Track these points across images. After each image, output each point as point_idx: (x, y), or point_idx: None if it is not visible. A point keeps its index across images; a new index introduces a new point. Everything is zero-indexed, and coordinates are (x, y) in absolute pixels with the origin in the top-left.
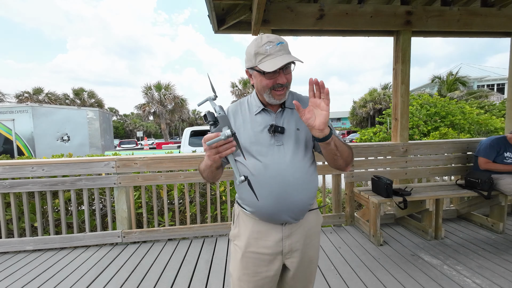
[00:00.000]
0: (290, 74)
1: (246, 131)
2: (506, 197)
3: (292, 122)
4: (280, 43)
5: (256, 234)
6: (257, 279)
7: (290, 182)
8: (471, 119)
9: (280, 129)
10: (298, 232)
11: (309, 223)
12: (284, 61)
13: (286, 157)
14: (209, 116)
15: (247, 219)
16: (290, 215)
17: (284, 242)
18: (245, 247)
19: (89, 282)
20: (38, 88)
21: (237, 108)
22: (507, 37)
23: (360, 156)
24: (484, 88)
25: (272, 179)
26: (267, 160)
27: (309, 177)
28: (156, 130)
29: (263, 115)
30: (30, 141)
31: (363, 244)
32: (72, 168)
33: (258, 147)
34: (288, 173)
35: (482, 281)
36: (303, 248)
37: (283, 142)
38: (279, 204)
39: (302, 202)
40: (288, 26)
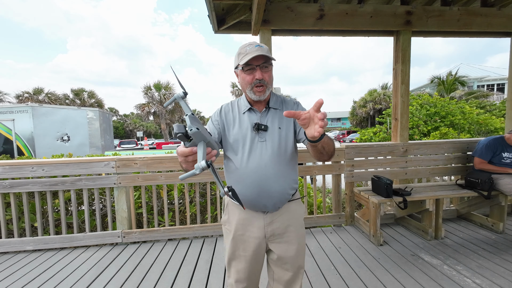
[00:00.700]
0: (268, 74)
1: (234, 129)
2: (506, 197)
3: (275, 121)
4: (258, 45)
5: (242, 221)
6: (247, 254)
7: (270, 174)
8: (471, 119)
9: (263, 127)
10: (279, 220)
11: (289, 212)
12: (255, 53)
13: (268, 152)
14: (178, 129)
15: (234, 208)
16: (270, 203)
17: (266, 228)
18: (235, 231)
19: (89, 282)
20: (38, 88)
21: (229, 108)
22: (507, 37)
23: (360, 156)
24: (484, 88)
25: (255, 171)
26: (251, 155)
27: (289, 170)
28: (156, 130)
29: (250, 114)
30: (30, 141)
31: (363, 244)
32: (72, 168)
33: (244, 143)
34: (268, 166)
35: (482, 281)
36: (285, 233)
37: (266, 139)
38: (261, 193)
39: (281, 192)
40: (288, 26)
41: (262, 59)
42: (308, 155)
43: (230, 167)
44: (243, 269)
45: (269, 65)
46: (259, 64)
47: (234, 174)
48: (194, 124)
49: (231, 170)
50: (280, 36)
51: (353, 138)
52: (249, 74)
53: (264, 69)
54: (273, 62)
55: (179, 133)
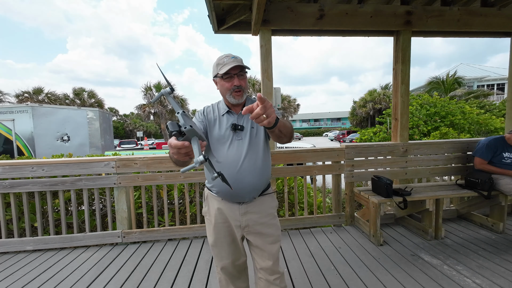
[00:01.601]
0: (244, 81)
1: (215, 128)
2: (506, 197)
3: (249, 122)
4: (233, 57)
5: (220, 211)
6: (227, 240)
7: (245, 166)
8: (471, 119)
9: (240, 127)
10: (253, 211)
11: (263, 204)
12: (233, 64)
13: (243, 148)
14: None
15: (213, 199)
16: (245, 194)
17: (242, 218)
18: (215, 220)
19: (89, 282)
20: (38, 88)
21: (210, 109)
22: (507, 37)
23: (360, 156)
24: (484, 88)
25: (232, 165)
26: (229, 150)
27: (262, 163)
28: (156, 130)
29: (228, 116)
30: (30, 141)
31: (363, 244)
32: (72, 168)
33: (223, 141)
34: (244, 160)
35: (482, 281)
36: (258, 224)
37: (242, 137)
38: (236, 184)
39: (255, 183)
40: (288, 26)
41: (239, 69)
42: (308, 155)
43: (213, 160)
44: (226, 254)
45: (244, 73)
46: (236, 73)
47: (216, 165)
48: (187, 122)
49: (214, 162)
50: (280, 36)
51: (353, 138)
52: (228, 82)
53: (240, 77)
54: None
55: (174, 131)
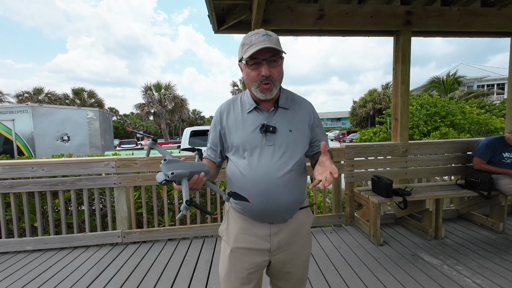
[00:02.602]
0: (278, 69)
1: (237, 131)
2: (506, 197)
3: (284, 123)
4: (265, 34)
5: (245, 230)
6: (243, 276)
7: (278, 183)
8: (471, 119)
9: (271, 129)
10: (286, 229)
11: (298, 221)
12: (261, 45)
13: (276, 157)
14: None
15: (236, 215)
16: (278, 215)
17: (272, 239)
18: (234, 242)
19: (89, 282)
20: (38, 88)
21: (229, 107)
22: (507, 37)
23: (360, 156)
24: (484, 88)
25: (261, 179)
26: (256, 160)
27: (298, 178)
28: (156, 130)
29: (255, 114)
30: (30, 141)
31: (363, 244)
32: (72, 168)
33: (249, 147)
34: (276, 174)
35: (482, 281)
36: (291, 245)
37: (274, 143)
38: (267, 204)
39: (290, 204)
40: (288, 26)
41: (270, 52)
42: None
43: (234, 172)
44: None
45: (278, 59)
46: (266, 58)
47: (238, 180)
48: (169, 169)
49: (235, 176)
50: (280, 36)
51: (353, 138)
52: (254, 70)
53: (272, 64)
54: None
55: (162, 182)
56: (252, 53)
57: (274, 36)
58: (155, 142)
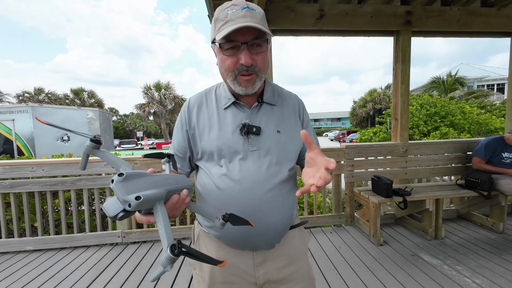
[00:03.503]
0: (262, 56)
1: (211, 132)
2: (506, 197)
3: (271, 122)
4: (246, 7)
5: None
6: None
7: (265, 198)
8: (471, 119)
9: (255, 130)
10: (274, 257)
11: (289, 245)
12: (241, 24)
13: (263, 167)
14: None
15: (209, 242)
16: (265, 240)
17: (257, 271)
18: (210, 278)
19: (89, 282)
20: (38, 88)
21: (201, 101)
22: (507, 37)
23: (360, 156)
24: (484, 88)
25: (243, 194)
26: (237, 170)
27: (289, 191)
28: (156, 130)
29: (234, 110)
30: (30, 141)
31: (363, 244)
32: (72, 168)
33: (227, 153)
34: (264, 187)
35: (482, 281)
36: (283, 276)
37: (258, 147)
38: (250, 228)
39: (280, 224)
40: (288, 26)
41: (253, 33)
42: None
43: (207, 186)
44: None
45: (263, 43)
46: (247, 41)
47: (212, 196)
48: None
49: (209, 190)
50: (280, 36)
51: (353, 138)
52: (230, 56)
53: (255, 49)
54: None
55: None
56: (227, 33)
57: (258, 11)
58: (98, 145)
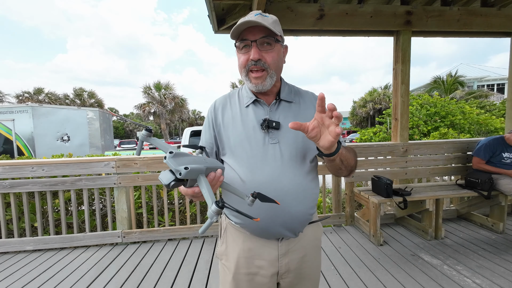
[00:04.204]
0: (271, 54)
1: (235, 128)
2: (506, 197)
3: (289, 117)
4: (258, 13)
5: (248, 253)
6: None
7: (287, 189)
8: (471, 119)
9: (275, 124)
10: (296, 249)
11: (307, 237)
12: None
13: (283, 158)
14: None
15: (236, 234)
16: (288, 229)
17: (281, 262)
18: (235, 268)
19: (89, 282)
20: (38, 88)
21: (225, 102)
22: (507, 37)
23: (360, 156)
24: (484, 88)
25: (266, 185)
26: (259, 162)
27: (310, 183)
28: (156, 130)
29: (255, 108)
30: (30, 141)
31: (363, 244)
32: (72, 168)
33: (249, 147)
34: (285, 178)
35: (482, 281)
36: (301, 266)
37: (278, 140)
38: (275, 216)
39: (302, 213)
40: (288, 26)
41: (262, 32)
42: None
43: (232, 179)
44: None
45: (272, 42)
46: (257, 39)
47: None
48: (180, 163)
49: (234, 183)
50: None
51: (353, 138)
52: (244, 54)
53: (264, 47)
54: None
55: (171, 183)
56: (237, 31)
57: (269, 17)
58: (151, 134)
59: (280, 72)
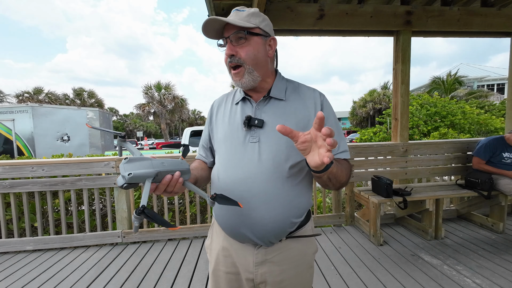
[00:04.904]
0: (246, 48)
1: (223, 126)
2: (506, 197)
3: (277, 116)
4: (235, 10)
5: (225, 251)
6: None
7: (256, 192)
8: (471, 119)
9: (257, 122)
10: (275, 260)
11: (293, 252)
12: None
13: (261, 159)
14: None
15: (219, 231)
16: (257, 236)
17: (256, 270)
18: (215, 264)
19: (89, 282)
20: (38, 88)
21: (222, 100)
22: (507, 37)
23: (360, 156)
24: (484, 88)
25: (236, 186)
26: (235, 161)
27: (290, 189)
28: (156, 130)
29: (243, 105)
30: (30, 141)
31: (363, 244)
32: (72, 168)
33: (230, 144)
34: (257, 180)
35: (482, 281)
36: (281, 281)
37: (259, 139)
38: (239, 218)
39: (273, 221)
40: (288, 26)
41: (234, 28)
42: None
43: (213, 175)
44: None
45: (247, 35)
46: (230, 35)
47: (214, 185)
48: (128, 169)
49: (213, 179)
50: (280, 36)
51: (353, 138)
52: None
53: (238, 42)
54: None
55: (123, 185)
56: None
57: (245, 11)
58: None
59: (263, 67)
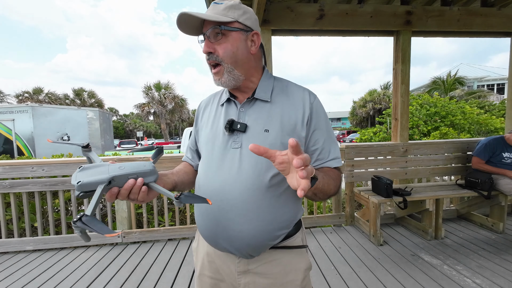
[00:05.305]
0: (223, 45)
1: (206, 128)
2: (506, 197)
3: (260, 120)
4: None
5: (210, 257)
6: None
7: (234, 202)
8: (471, 119)
9: (239, 127)
10: (259, 272)
11: (281, 264)
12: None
13: (241, 167)
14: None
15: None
16: (234, 247)
17: (239, 279)
18: (201, 268)
19: (89, 282)
20: (38, 88)
21: (209, 101)
22: (507, 37)
23: (360, 156)
24: (484, 88)
25: (215, 194)
26: (215, 167)
27: (272, 200)
28: (156, 130)
29: (228, 107)
30: (30, 141)
31: (363, 244)
32: (72, 168)
33: (211, 149)
34: (236, 189)
35: (482, 281)
36: None
37: (241, 145)
38: (215, 228)
39: (251, 234)
40: (288, 26)
41: (210, 24)
42: None
43: (196, 181)
44: None
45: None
46: (206, 32)
47: (196, 192)
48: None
49: (196, 186)
50: (280, 36)
51: (353, 138)
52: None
53: (216, 38)
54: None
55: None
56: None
57: (223, 3)
58: (87, 149)
59: (244, 65)
